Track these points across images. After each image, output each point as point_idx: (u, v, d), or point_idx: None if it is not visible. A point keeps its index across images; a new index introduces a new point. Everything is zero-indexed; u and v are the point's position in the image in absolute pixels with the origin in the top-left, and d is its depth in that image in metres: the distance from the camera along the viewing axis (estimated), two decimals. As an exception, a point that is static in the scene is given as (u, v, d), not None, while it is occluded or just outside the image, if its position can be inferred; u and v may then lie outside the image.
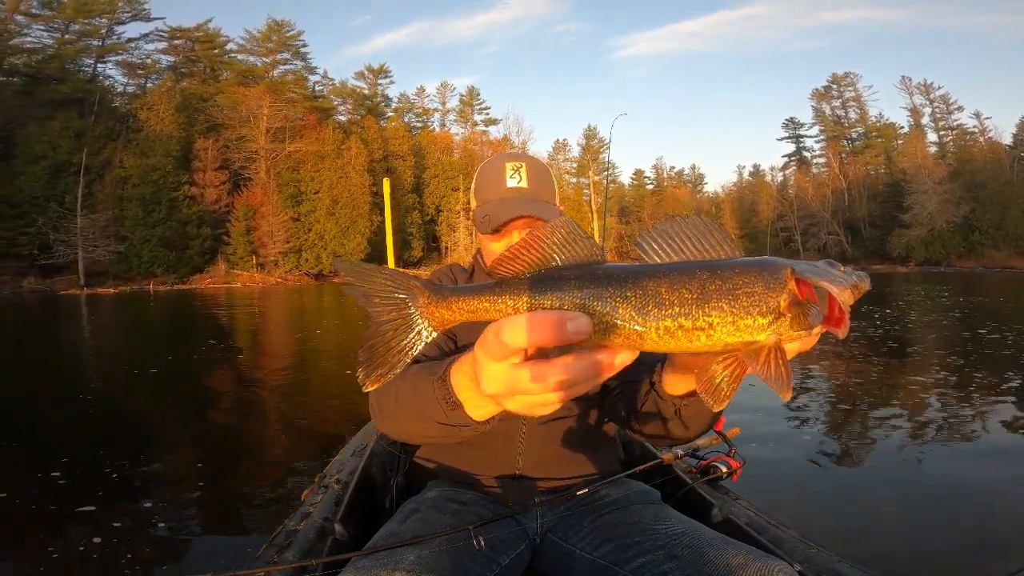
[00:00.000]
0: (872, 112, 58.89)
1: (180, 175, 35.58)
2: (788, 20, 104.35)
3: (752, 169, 70.61)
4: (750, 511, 1.29)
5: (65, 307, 19.93)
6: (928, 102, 54.76)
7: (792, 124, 65.34)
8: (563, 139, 76.52)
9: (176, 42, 43.98)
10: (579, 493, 1.08)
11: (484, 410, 0.68)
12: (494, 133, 55.20)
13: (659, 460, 1.37)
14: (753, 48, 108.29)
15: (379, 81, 55.45)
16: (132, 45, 41.80)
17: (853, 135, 59.76)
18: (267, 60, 46.88)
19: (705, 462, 1.45)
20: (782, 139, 66.99)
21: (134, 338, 11.83)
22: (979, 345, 7.40)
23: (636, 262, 0.51)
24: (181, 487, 3.17)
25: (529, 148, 51.71)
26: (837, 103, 60.49)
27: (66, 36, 38.56)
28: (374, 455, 1.44)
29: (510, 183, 1.13)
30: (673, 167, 74.90)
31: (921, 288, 20.35)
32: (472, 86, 59.89)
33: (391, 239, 2.32)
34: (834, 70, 78.34)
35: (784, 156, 67.79)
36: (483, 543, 0.92)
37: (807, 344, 0.52)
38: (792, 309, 0.48)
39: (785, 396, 0.47)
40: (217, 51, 45.64)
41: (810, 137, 64.44)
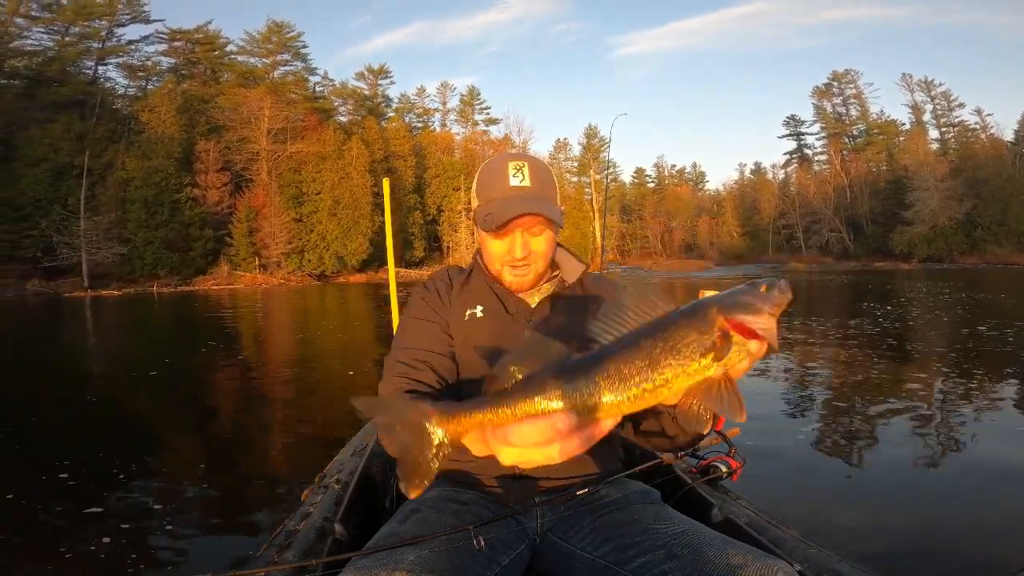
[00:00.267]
0: (873, 109, 58.84)
1: (182, 177, 35.59)
2: (789, 18, 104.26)
3: (753, 167, 70.61)
4: (750, 511, 1.28)
5: (69, 309, 19.99)
6: (929, 99, 54.66)
7: (793, 122, 65.28)
8: (564, 138, 76.50)
9: (176, 44, 44.03)
10: (579, 493, 1.08)
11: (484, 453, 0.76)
12: (495, 133, 55.25)
13: (659, 460, 1.36)
14: (754, 46, 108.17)
15: (379, 81, 55.50)
16: (132, 47, 41.91)
17: (854, 132, 59.66)
18: (267, 61, 46.96)
19: (705, 462, 1.45)
20: (783, 137, 66.91)
21: (138, 340, 11.87)
22: (980, 342, 7.38)
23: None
24: (181, 487, 3.18)
25: (530, 148, 51.72)
26: (838, 100, 60.40)
27: (66, 38, 38.63)
28: (374, 455, 1.44)
29: (513, 181, 1.12)
30: (674, 165, 74.97)
31: (923, 285, 20.30)
32: (472, 86, 59.93)
33: (391, 240, 2.32)
34: (835, 67, 78.02)
35: (785, 154, 67.77)
36: (483, 543, 0.92)
37: (751, 363, 0.60)
38: (725, 342, 0.56)
39: (739, 419, 0.56)
40: (217, 53, 45.68)
41: (811, 135, 64.40)
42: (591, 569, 0.99)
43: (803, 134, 64.76)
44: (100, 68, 40.97)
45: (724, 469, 1.41)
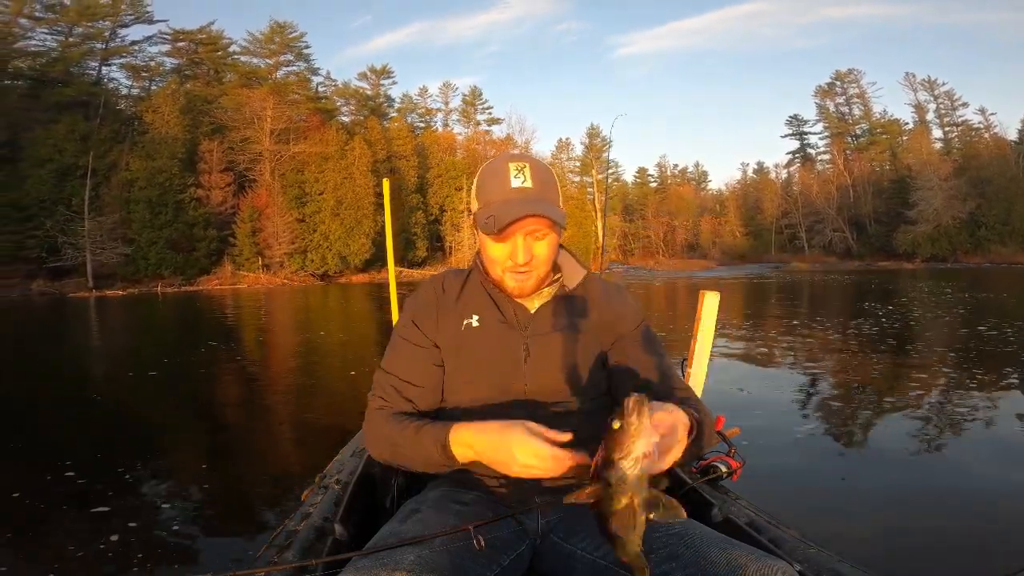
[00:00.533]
0: (876, 109, 58.69)
1: (186, 177, 35.65)
2: (790, 17, 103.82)
3: (756, 166, 70.44)
4: (750, 511, 1.28)
5: (74, 309, 20.06)
6: (933, 98, 54.51)
7: (796, 121, 65.16)
8: (566, 138, 76.38)
9: (179, 44, 44.10)
10: (580, 493, 1.08)
11: (468, 459, 0.98)
12: (497, 133, 55.23)
13: (659, 460, 1.36)
14: (756, 45, 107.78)
15: (381, 82, 55.56)
16: (136, 48, 41.95)
17: (857, 132, 59.50)
18: (270, 62, 47.03)
19: (705, 462, 1.45)
20: (786, 136, 66.87)
21: (142, 339, 11.91)
22: (980, 342, 7.37)
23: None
24: (183, 487, 3.19)
25: (532, 147, 51.70)
26: (841, 100, 60.28)
27: (70, 39, 38.72)
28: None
29: (515, 183, 1.08)
30: (677, 165, 74.88)
31: (925, 284, 20.26)
32: (475, 86, 59.91)
33: (391, 240, 2.32)
34: (837, 67, 77.76)
35: (788, 153, 67.72)
36: (483, 543, 0.92)
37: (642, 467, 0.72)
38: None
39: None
40: (220, 53, 45.76)
41: (814, 134, 64.26)
42: (592, 569, 0.99)
43: (806, 133, 64.69)
44: (104, 69, 41.12)
45: (724, 469, 1.41)
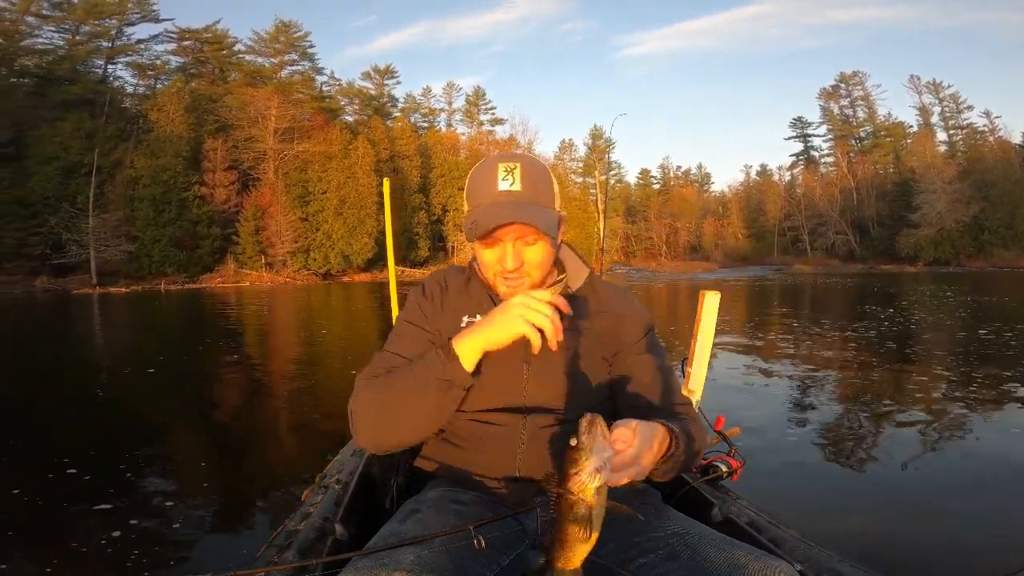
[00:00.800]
0: (881, 111, 58.61)
1: (190, 175, 35.81)
2: (796, 18, 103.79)
3: (759, 169, 70.35)
4: (750, 511, 1.28)
5: (77, 306, 20.12)
6: (937, 101, 54.36)
7: (800, 123, 65.04)
8: (569, 139, 76.47)
9: (185, 43, 44.29)
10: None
11: (474, 357, 0.96)
12: (500, 133, 55.24)
13: (659, 460, 1.36)
14: (761, 47, 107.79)
15: (385, 81, 55.66)
16: (142, 46, 42.22)
17: (861, 134, 59.38)
18: (275, 61, 47.17)
19: (705, 462, 1.45)
20: (790, 138, 66.82)
21: (144, 337, 11.94)
22: (981, 345, 7.36)
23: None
24: (181, 486, 3.20)
25: (535, 148, 51.67)
26: (845, 102, 60.19)
27: (77, 37, 38.93)
28: (374, 455, 1.44)
29: (502, 185, 1.03)
30: (680, 167, 74.76)
31: (927, 288, 20.23)
32: (478, 86, 60.03)
33: (391, 240, 2.33)
34: (842, 69, 77.79)
35: (792, 155, 67.49)
36: (483, 543, 0.92)
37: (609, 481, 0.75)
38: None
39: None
40: (225, 52, 45.92)
41: (818, 136, 64.15)
42: (592, 569, 0.98)
43: (810, 136, 64.57)
44: (110, 67, 41.36)
45: (724, 469, 1.41)
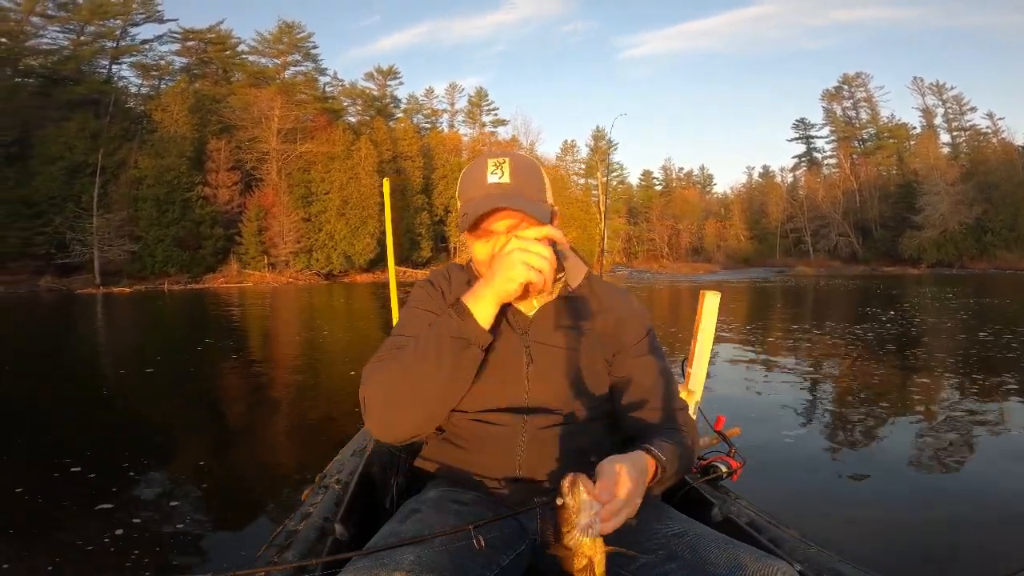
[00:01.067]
0: (884, 113, 58.40)
1: (193, 176, 35.87)
2: (798, 19, 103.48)
3: (762, 170, 70.11)
4: (750, 511, 1.28)
5: (81, 306, 20.17)
6: (941, 102, 54.18)
7: (802, 125, 64.87)
8: (571, 140, 76.33)
9: (189, 43, 44.39)
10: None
11: (487, 312, 0.97)
12: (502, 134, 55.23)
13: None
14: (763, 48, 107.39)
15: (388, 82, 55.69)
16: (146, 47, 42.29)
17: (864, 136, 59.22)
18: (278, 62, 47.25)
19: (705, 462, 1.45)
20: (792, 140, 66.57)
21: (147, 337, 11.97)
22: (982, 347, 7.35)
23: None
24: (182, 486, 3.21)
25: (537, 149, 51.65)
26: (848, 104, 60.02)
27: (81, 38, 39.04)
28: (374, 455, 1.44)
29: (491, 179, 1.06)
30: (682, 168, 74.59)
31: (929, 290, 20.19)
32: (480, 87, 59.99)
33: (391, 240, 2.33)
34: (845, 70, 77.70)
35: (794, 157, 67.41)
36: (483, 543, 0.92)
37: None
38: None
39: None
40: (229, 53, 46.01)
41: (821, 138, 63.96)
42: (591, 569, 0.99)
43: (812, 137, 64.39)
44: (114, 67, 41.44)
45: (724, 469, 1.41)
